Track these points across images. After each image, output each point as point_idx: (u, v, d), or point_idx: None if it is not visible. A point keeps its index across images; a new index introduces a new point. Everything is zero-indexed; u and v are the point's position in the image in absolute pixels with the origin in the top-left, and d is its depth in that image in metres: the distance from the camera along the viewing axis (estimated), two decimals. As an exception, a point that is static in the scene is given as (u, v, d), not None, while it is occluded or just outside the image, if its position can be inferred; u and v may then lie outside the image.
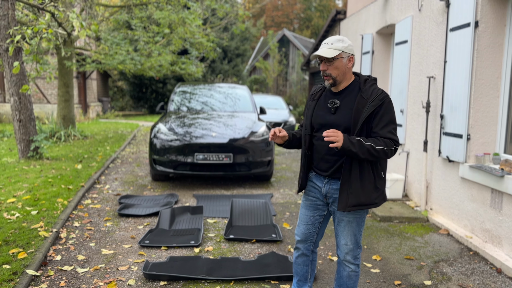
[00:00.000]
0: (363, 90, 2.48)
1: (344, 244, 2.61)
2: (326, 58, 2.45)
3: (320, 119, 2.57)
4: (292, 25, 43.51)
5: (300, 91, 24.90)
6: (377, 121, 2.43)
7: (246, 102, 7.92)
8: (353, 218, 2.56)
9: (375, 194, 2.49)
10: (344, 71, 2.49)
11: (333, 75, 2.48)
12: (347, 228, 2.58)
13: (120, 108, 28.45)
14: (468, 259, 3.98)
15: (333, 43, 2.46)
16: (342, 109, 2.50)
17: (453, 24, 4.71)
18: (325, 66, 2.49)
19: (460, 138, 4.54)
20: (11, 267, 3.40)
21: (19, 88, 7.41)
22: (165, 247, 4.07)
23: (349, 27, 8.82)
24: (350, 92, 2.53)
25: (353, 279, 2.66)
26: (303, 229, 2.73)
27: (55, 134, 11.15)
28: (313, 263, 2.85)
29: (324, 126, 2.54)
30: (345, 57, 2.47)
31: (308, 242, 2.75)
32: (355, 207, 2.45)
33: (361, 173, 2.45)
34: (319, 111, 2.61)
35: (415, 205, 5.60)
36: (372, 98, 2.44)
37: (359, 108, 2.43)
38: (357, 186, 2.44)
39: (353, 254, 2.62)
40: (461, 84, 4.53)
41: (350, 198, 2.44)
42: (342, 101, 2.52)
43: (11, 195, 5.49)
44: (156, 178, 6.86)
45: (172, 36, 12.07)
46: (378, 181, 2.50)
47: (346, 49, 2.47)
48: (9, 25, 7.14)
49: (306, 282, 2.86)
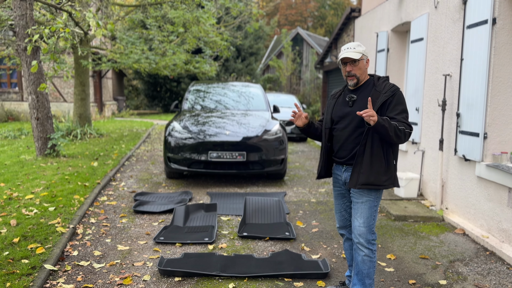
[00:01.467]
0: (377, 85, 2.84)
1: (357, 225, 2.82)
2: (352, 60, 2.81)
3: (339, 112, 2.92)
4: (306, 23, 43.33)
5: (313, 89, 24.81)
6: (391, 109, 2.74)
7: (259, 100, 7.93)
8: (366, 200, 2.80)
9: (384, 177, 2.75)
10: (364, 71, 2.87)
11: (357, 75, 2.84)
12: (359, 210, 2.81)
13: (135, 107, 28.74)
14: (484, 259, 3.93)
15: (355, 47, 2.82)
16: (358, 101, 2.84)
17: (470, 21, 4.65)
18: (350, 67, 2.83)
19: (477, 137, 4.47)
20: (30, 262, 3.48)
21: (37, 86, 7.55)
22: (179, 244, 4.12)
23: (364, 25, 8.76)
24: (365, 88, 2.88)
25: (367, 264, 2.81)
26: (339, 217, 3.07)
27: (72, 132, 11.33)
28: None
29: (343, 118, 2.88)
30: (365, 59, 2.86)
31: (347, 227, 3.06)
32: (364, 185, 2.73)
33: (372, 158, 2.73)
34: (338, 106, 2.95)
35: (430, 204, 5.54)
36: (384, 90, 2.78)
37: (373, 99, 2.76)
38: (367, 168, 2.73)
39: (365, 238, 2.80)
40: (478, 82, 4.47)
41: (360, 177, 2.74)
42: (359, 95, 2.87)
43: (29, 192, 5.60)
44: (170, 175, 6.93)
45: (186, 35, 12.14)
46: (388, 166, 2.77)
47: (365, 52, 2.85)
48: (27, 25, 7.28)
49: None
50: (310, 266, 3.56)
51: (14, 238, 3.96)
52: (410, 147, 6.31)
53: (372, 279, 2.85)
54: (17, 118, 17.43)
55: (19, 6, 7.29)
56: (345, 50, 2.82)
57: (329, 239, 4.35)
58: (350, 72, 2.83)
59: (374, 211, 2.81)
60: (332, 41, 12.03)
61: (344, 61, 2.83)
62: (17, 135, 11.73)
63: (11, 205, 5.03)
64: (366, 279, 2.84)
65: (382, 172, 2.74)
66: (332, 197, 6.04)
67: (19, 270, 3.33)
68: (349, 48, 2.82)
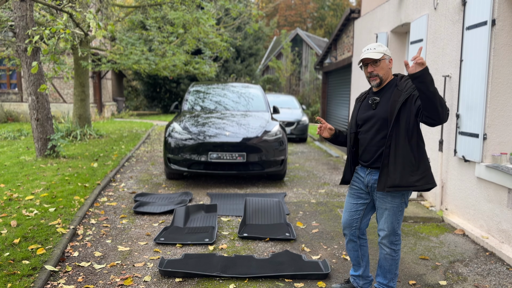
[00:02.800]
0: (399, 84, 2.82)
1: (381, 229, 2.88)
2: (373, 60, 2.80)
3: (363, 115, 2.93)
4: (305, 24, 43.38)
5: (313, 90, 24.82)
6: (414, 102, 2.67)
7: (259, 101, 7.94)
8: (390, 207, 2.81)
9: (414, 178, 2.70)
10: (387, 71, 2.85)
11: (380, 75, 2.82)
12: (384, 216, 2.85)
13: (135, 108, 28.73)
14: (484, 259, 3.93)
15: (375, 48, 2.81)
16: (381, 103, 2.84)
17: (470, 23, 4.66)
18: (371, 68, 2.82)
19: (476, 138, 4.49)
20: (31, 263, 3.48)
21: (37, 87, 7.55)
22: (180, 245, 4.12)
23: (364, 26, 8.78)
24: (388, 89, 2.86)
25: (388, 261, 2.91)
26: (347, 216, 3.03)
27: (71, 133, 11.33)
28: (362, 248, 3.09)
29: (367, 121, 2.89)
30: (387, 59, 2.84)
31: (352, 228, 3.03)
32: (392, 188, 2.71)
33: (397, 159, 2.71)
34: (362, 109, 2.97)
35: (430, 205, 5.55)
36: (406, 88, 2.75)
37: (395, 99, 2.75)
38: (394, 170, 2.71)
39: (389, 239, 2.87)
40: (478, 83, 4.48)
41: (388, 180, 2.72)
42: (382, 97, 2.86)
43: (29, 193, 5.60)
44: (170, 176, 6.93)
45: (186, 36, 12.15)
46: (419, 164, 2.72)
47: (386, 52, 2.83)
48: (27, 26, 7.29)
49: (359, 267, 3.12)
50: (310, 267, 3.56)
51: (15, 239, 3.96)
52: (410, 148, 6.32)
53: (393, 274, 2.94)
54: (17, 119, 17.43)
55: (19, 7, 7.29)
56: (365, 52, 2.83)
57: (330, 240, 4.36)
58: (372, 72, 2.82)
59: (399, 215, 2.84)
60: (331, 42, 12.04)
61: (365, 62, 2.84)
62: (16, 136, 11.72)
63: (11, 206, 5.03)
64: (388, 274, 2.95)
65: (410, 172, 2.70)
66: (332, 198, 6.04)
67: (20, 271, 3.33)
68: (369, 49, 2.82)
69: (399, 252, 2.92)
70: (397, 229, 2.85)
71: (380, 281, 2.99)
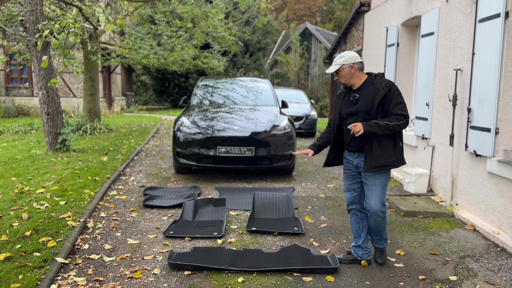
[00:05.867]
0: (375, 82, 3.35)
1: (372, 203, 3.38)
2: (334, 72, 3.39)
3: (346, 110, 3.44)
4: (314, 18, 43.09)
5: (322, 85, 24.70)
6: (389, 103, 3.26)
7: (267, 95, 7.92)
8: (378, 182, 3.35)
9: (393, 158, 3.30)
10: (350, 77, 3.37)
11: (342, 81, 3.42)
12: (373, 191, 3.36)
13: (144, 102, 28.85)
14: (495, 255, 3.89)
15: (336, 60, 3.37)
16: (361, 99, 3.37)
17: (482, 15, 4.59)
18: (336, 77, 3.44)
19: (488, 132, 4.43)
20: (41, 255, 3.52)
21: (47, 82, 7.61)
22: (188, 238, 4.14)
23: (373, 19, 8.68)
24: (365, 87, 3.39)
25: (381, 225, 3.47)
26: (348, 195, 3.59)
27: (81, 127, 11.42)
28: (363, 221, 3.59)
29: (350, 114, 3.40)
30: (346, 68, 3.34)
31: (354, 203, 3.58)
32: (377, 168, 3.27)
33: (380, 144, 3.27)
34: (345, 105, 3.48)
35: (440, 200, 5.51)
36: (381, 86, 3.28)
37: (373, 95, 3.29)
38: (377, 153, 3.27)
39: (380, 210, 3.39)
40: (490, 77, 4.41)
41: (372, 161, 3.27)
42: (361, 94, 3.38)
43: (40, 186, 5.66)
44: (179, 170, 6.96)
45: (195, 30, 12.13)
46: (395, 148, 3.31)
47: (345, 61, 3.33)
48: (37, 20, 7.33)
49: (359, 238, 3.61)
50: (319, 261, 3.56)
51: (26, 232, 4.01)
52: (420, 142, 6.27)
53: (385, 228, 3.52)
54: (28, 113, 17.61)
55: (29, 1, 7.34)
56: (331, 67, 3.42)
57: (338, 235, 4.35)
58: (337, 80, 3.43)
59: (385, 189, 3.39)
60: (341, 35, 11.94)
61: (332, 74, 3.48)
62: (27, 130, 11.85)
63: (22, 199, 5.09)
64: (382, 233, 3.54)
65: (390, 154, 3.28)
66: (340, 193, 6.02)
67: (31, 263, 3.37)
68: (334, 62, 3.41)
69: (386, 214, 3.48)
70: (384, 200, 3.43)
71: (376, 238, 3.59)
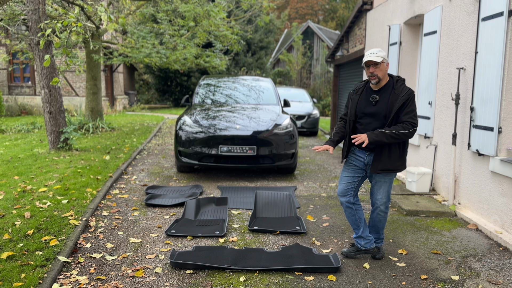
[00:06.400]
0: (396, 88, 3.44)
1: (380, 198, 3.59)
2: (374, 63, 3.38)
3: (363, 109, 3.52)
4: (316, 16, 43.01)
5: (324, 83, 24.67)
6: (404, 111, 3.36)
7: (270, 94, 7.91)
8: (388, 179, 3.55)
9: (399, 163, 3.47)
10: (385, 73, 3.44)
11: (379, 75, 3.41)
12: (382, 187, 3.57)
13: (146, 101, 28.89)
14: (497, 254, 3.88)
15: (377, 52, 3.39)
16: (381, 102, 3.45)
17: (485, 14, 4.56)
18: (373, 69, 3.40)
19: (491, 131, 4.41)
20: (44, 254, 3.53)
21: (50, 81, 7.62)
22: (190, 237, 4.14)
23: (376, 18, 8.66)
24: (386, 90, 3.47)
25: (382, 221, 3.67)
26: (343, 186, 3.66)
27: (84, 126, 11.44)
28: (358, 212, 3.68)
29: (367, 115, 3.50)
30: (385, 63, 3.42)
31: (347, 195, 3.64)
32: (382, 170, 3.45)
33: (390, 149, 3.42)
34: (361, 103, 3.54)
35: (442, 199, 5.49)
36: (402, 94, 3.38)
37: (393, 101, 3.38)
38: (385, 157, 3.43)
39: (385, 205, 3.62)
40: (493, 76, 4.39)
41: (379, 165, 3.45)
42: (381, 96, 3.46)
43: (42, 185, 5.67)
44: (181, 169, 6.96)
45: (197, 29, 12.12)
46: (402, 155, 3.48)
47: (385, 57, 3.41)
48: (40, 19, 7.34)
49: (359, 228, 3.69)
50: (321, 260, 3.55)
51: (28, 230, 4.02)
52: (423, 141, 6.25)
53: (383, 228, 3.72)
54: (30, 112, 17.65)
55: (31, 0, 7.34)
56: (369, 55, 3.39)
57: (340, 234, 4.34)
58: (373, 73, 3.40)
59: (391, 185, 3.61)
60: (343, 34, 11.91)
61: (368, 63, 3.39)
62: (30, 129, 11.88)
63: (25, 197, 5.10)
64: (381, 230, 3.71)
65: (397, 159, 3.44)
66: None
67: (33, 262, 3.38)
68: (372, 53, 3.39)
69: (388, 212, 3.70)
70: (390, 195, 3.63)
71: (375, 236, 3.74)
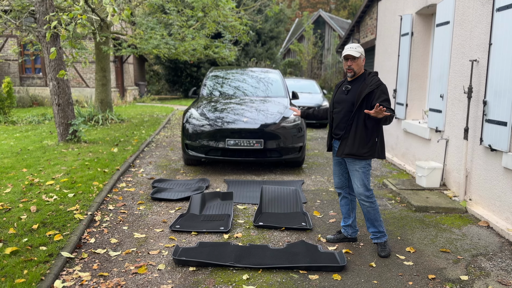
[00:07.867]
0: (367, 79, 3.64)
1: (356, 188, 3.67)
2: (352, 57, 3.59)
3: (338, 98, 3.77)
4: (328, 5, 42.41)
5: (335, 74, 24.40)
6: (377, 98, 3.51)
7: (278, 86, 7.81)
8: (359, 168, 3.62)
9: (364, 150, 3.56)
10: (361, 67, 3.67)
11: (355, 69, 3.64)
12: (355, 176, 3.65)
13: (156, 92, 28.94)
14: (509, 253, 3.77)
15: (356, 48, 3.60)
16: (352, 91, 3.67)
17: (500, 3, 4.39)
18: (350, 63, 3.62)
19: (505, 126, 4.27)
20: (47, 249, 3.53)
21: (57, 73, 7.61)
22: (195, 232, 4.11)
23: (387, 7, 8.46)
24: (358, 81, 3.69)
25: (371, 212, 3.67)
26: (337, 180, 3.92)
27: (93, 118, 11.47)
28: (352, 203, 3.93)
29: (339, 103, 3.73)
30: (362, 58, 3.63)
31: (344, 188, 3.91)
32: (347, 155, 3.60)
33: (355, 134, 3.57)
34: (338, 93, 3.80)
35: (453, 195, 5.37)
36: (370, 84, 3.58)
37: (361, 90, 3.58)
38: (351, 142, 3.58)
39: (364, 194, 3.63)
40: (507, 68, 4.24)
41: (345, 149, 3.61)
42: (353, 86, 3.69)
43: (49, 178, 5.69)
44: (188, 162, 6.93)
45: (206, 20, 12.01)
46: (368, 142, 3.56)
47: (363, 53, 3.63)
48: (47, 11, 7.31)
49: (349, 218, 3.92)
50: (326, 258, 3.49)
51: (34, 225, 4.02)
52: (434, 135, 6.11)
53: (379, 220, 3.69)
54: (41, 103, 17.79)
55: (38, -8, 7.30)
56: (348, 49, 3.58)
57: (347, 230, 4.27)
58: (350, 66, 3.62)
59: (366, 175, 3.63)
60: (354, 24, 11.70)
61: (346, 57, 3.61)
62: (40, 120, 11.96)
63: (32, 191, 5.12)
64: (375, 221, 3.69)
65: (362, 146, 3.55)
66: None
67: (36, 257, 3.37)
68: (352, 48, 3.59)
69: (376, 203, 3.69)
70: (368, 185, 3.64)
71: (372, 230, 3.73)
